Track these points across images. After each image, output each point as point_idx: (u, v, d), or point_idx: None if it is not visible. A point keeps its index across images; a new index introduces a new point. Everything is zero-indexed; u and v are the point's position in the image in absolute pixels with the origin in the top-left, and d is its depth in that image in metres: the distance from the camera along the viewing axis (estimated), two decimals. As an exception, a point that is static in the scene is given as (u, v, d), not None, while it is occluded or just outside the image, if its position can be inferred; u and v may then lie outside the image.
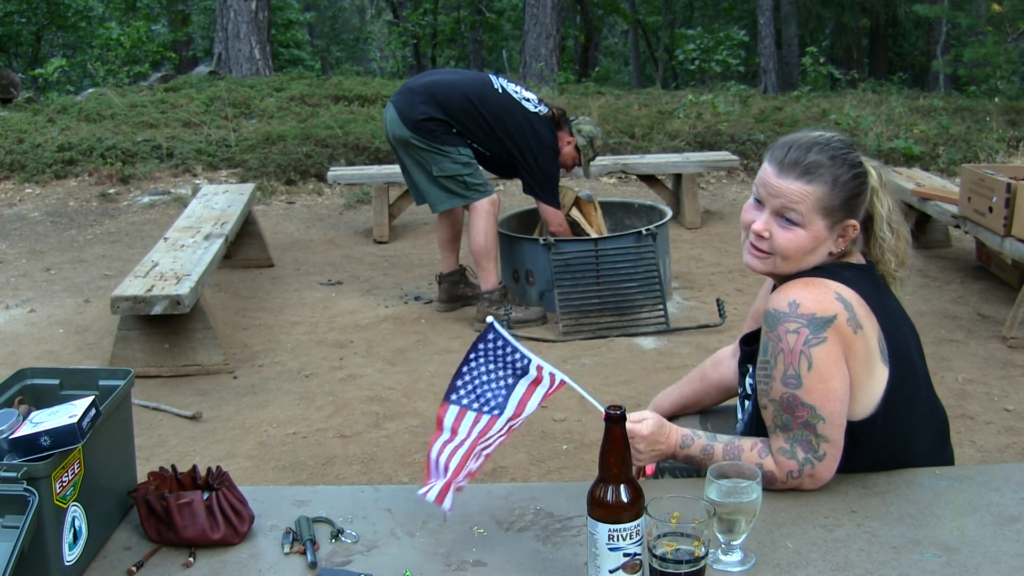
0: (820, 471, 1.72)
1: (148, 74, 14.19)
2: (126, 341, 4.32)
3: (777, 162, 1.78)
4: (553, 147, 4.90)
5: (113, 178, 8.15)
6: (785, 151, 1.78)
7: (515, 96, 4.86)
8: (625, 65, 27.06)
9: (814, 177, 1.75)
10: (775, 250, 1.79)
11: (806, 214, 1.76)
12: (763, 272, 1.85)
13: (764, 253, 1.81)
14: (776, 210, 1.78)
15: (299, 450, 3.59)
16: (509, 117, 4.79)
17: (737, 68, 16.28)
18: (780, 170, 1.77)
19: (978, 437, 3.59)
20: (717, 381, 2.25)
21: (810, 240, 1.78)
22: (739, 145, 8.78)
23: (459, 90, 4.79)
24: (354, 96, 11.05)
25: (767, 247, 1.80)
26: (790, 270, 1.81)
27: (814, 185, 1.75)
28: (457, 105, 4.75)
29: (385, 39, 25.41)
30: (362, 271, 6.10)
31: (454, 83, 4.86)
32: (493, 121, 4.77)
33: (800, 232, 1.77)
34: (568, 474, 3.35)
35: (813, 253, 1.80)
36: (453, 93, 4.78)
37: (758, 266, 1.84)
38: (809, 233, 1.77)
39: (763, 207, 1.80)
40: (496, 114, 4.78)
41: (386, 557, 1.59)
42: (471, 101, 4.76)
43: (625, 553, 1.40)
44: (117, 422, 1.73)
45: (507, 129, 4.78)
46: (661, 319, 4.82)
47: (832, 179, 1.76)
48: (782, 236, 1.78)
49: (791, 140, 1.81)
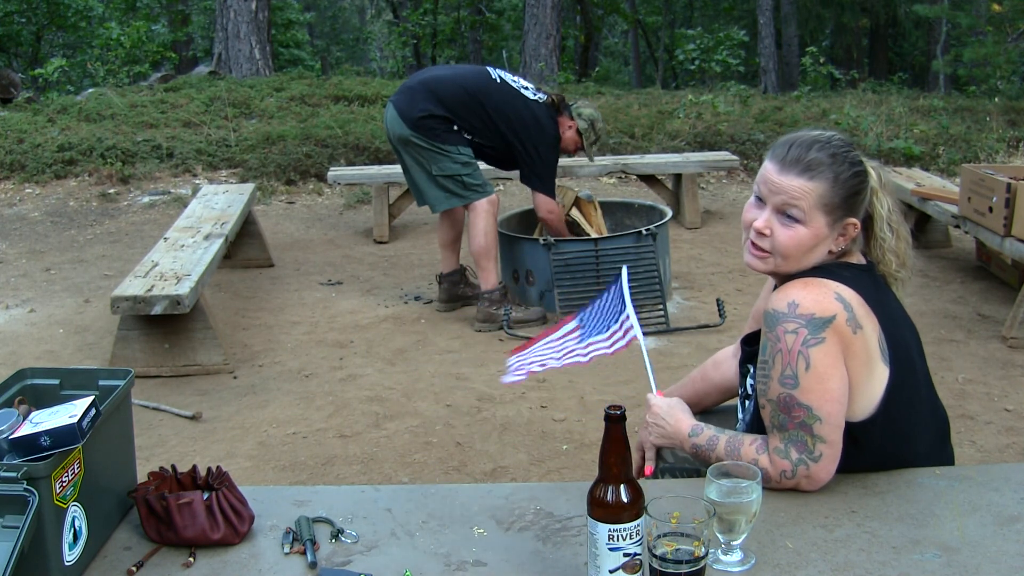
0: (816, 472, 1.72)
1: (148, 74, 14.19)
2: (126, 341, 4.32)
3: (779, 160, 1.79)
4: (554, 134, 4.89)
5: (113, 178, 8.15)
6: (786, 149, 1.79)
7: (514, 86, 4.86)
8: (625, 65, 27.06)
9: (815, 174, 1.76)
10: (776, 248, 1.80)
11: (808, 211, 1.76)
12: (763, 271, 1.86)
13: (764, 252, 1.82)
14: (777, 207, 1.79)
15: (299, 450, 3.59)
16: (510, 107, 4.78)
17: (737, 68, 16.28)
18: (782, 167, 1.78)
19: (978, 437, 3.59)
20: (718, 381, 2.25)
21: (811, 238, 1.78)
22: (739, 145, 8.78)
23: (458, 84, 4.79)
24: (354, 96, 11.05)
25: (768, 245, 1.81)
26: (790, 269, 1.81)
27: (815, 182, 1.76)
28: (457, 99, 4.74)
29: (385, 39, 25.40)
30: (362, 271, 6.10)
31: (452, 77, 4.86)
32: (494, 113, 4.77)
33: (801, 229, 1.77)
34: (568, 474, 3.35)
35: (813, 251, 1.80)
36: (452, 88, 4.77)
37: (758, 265, 1.84)
38: (810, 230, 1.78)
39: (764, 205, 1.81)
40: (496, 106, 4.77)
41: (386, 557, 1.59)
42: (470, 94, 4.76)
43: (625, 553, 1.40)
44: (117, 422, 1.73)
45: (508, 120, 4.78)
46: (661, 319, 4.82)
47: (833, 176, 1.77)
48: (783, 233, 1.78)
49: (792, 138, 1.82)
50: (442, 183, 4.81)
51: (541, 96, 4.91)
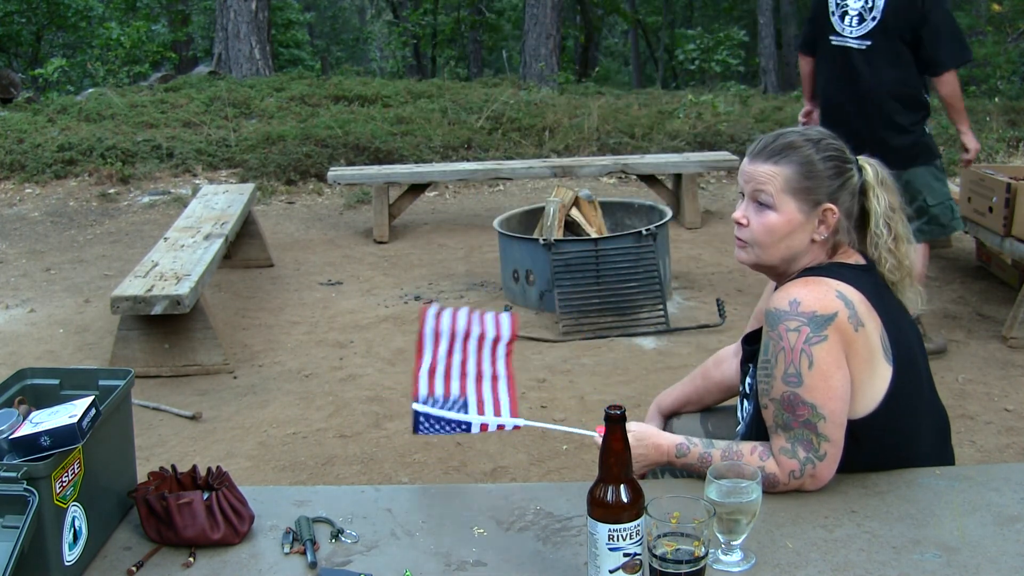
0: (821, 471, 1.72)
1: (148, 74, 14.19)
2: (126, 341, 4.32)
3: (751, 152, 1.86)
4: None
5: (113, 178, 8.16)
6: (759, 141, 1.87)
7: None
8: (625, 65, 27.07)
9: (781, 159, 1.81)
10: (752, 237, 1.84)
11: (775, 194, 1.80)
12: (750, 263, 1.88)
13: (743, 242, 1.86)
14: (751, 196, 1.84)
15: (299, 450, 3.59)
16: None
17: (737, 68, 16.30)
18: (752, 157, 1.85)
19: (978, 437, 3.59)
20: (719, 380, 2.25)
21: (784, 223, 1.80)
22: (739, 145, 8.78)
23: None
24: (354, 96, 11.06)
25: (746, 236, 1.85)
26: (772, 260, 1.84)
27: (780, 166, 1.80)
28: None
29: (385, 39, 25.40)
30: (362, 271, 6.10)
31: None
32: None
33: (772, 215, 1.81)
34: (568, 474, 3.35)
35: (791, 239, 1.81)
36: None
37: (742, 256, 1.88)
38: (782, 216, 1.80)
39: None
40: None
41: (386, 557, 1.59)
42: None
43: (625, 553, 1.40)
44: (117, 422, 1.72)
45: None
46: (661, 319, 4.82)
47: (800, 160, 1.80)
48: (756, 221, 1.83)
49: (769, 133, 1.90)
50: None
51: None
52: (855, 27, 4.14)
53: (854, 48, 4.14)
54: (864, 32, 4.12)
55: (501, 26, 21.85)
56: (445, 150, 8.91)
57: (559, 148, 9.06)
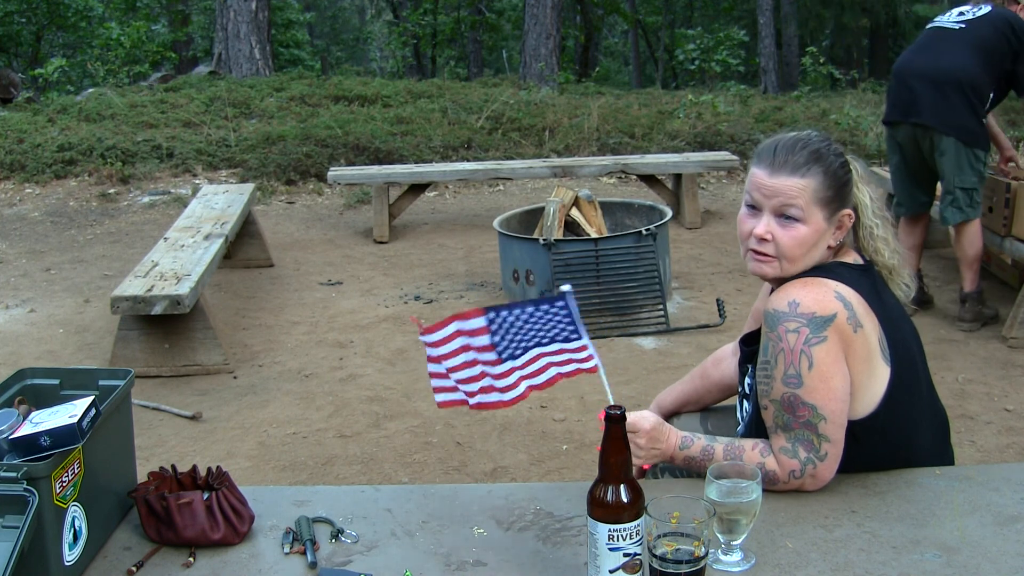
0: (822, 471, 1.72)
1: (148, 74, 14.19)
2: (126, 341, 4.32)
3: (767, 164, 1.80)
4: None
5: (113, 178, 8.16)
6: (772, 153, 1.81)
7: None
8: (625, 65, 27.06)
9: (807, 171, 1.78)
10: (780, 251, 1.79)
11: (805, 208, 1.77)
12: (772, 277, 1.83)
13: (769, 257, 1.81)
14: (775, 210, 1.79)
15: (299, 450, 3.59)
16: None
17: (737, 68, 16.28)
18: (772, 171, 1.79)
19: (978, 437, 3.59)
20: (718, 379, 2.25)
21: (812, 234, 1.79)
22: (739, 145, 8.78)
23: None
24: (354, 96, 11.06)
25: (771, 250, 1.80)
26: (796, 271, 1.81)
27: (808, 179, 1.77)
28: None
29: (385, 39, 25.38)
30: (362, 271, 6.10)
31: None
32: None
33: (802, 228, 1.78)
34: (568, 474, 3.35)
35: (815, 248, 1.81)
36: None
37: (766, 271, 1.82)
38: (810, 227, 1.78)
39: (759, 212, 1.81)
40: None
41: (386, 557, 1.59)
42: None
43: (625, 553, 1.40)
44: (117, 422, 1.72)
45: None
46: (661, 319, 4.82)
47: (823, 170, 1.79)
48: (784, 235, 1.78)
49: (774, 142, 1.84)
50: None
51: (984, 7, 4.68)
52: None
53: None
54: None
55: (501, 26, 21.84)
56: (445, 150, 8.91)
57: (559, 148, 9.06)
